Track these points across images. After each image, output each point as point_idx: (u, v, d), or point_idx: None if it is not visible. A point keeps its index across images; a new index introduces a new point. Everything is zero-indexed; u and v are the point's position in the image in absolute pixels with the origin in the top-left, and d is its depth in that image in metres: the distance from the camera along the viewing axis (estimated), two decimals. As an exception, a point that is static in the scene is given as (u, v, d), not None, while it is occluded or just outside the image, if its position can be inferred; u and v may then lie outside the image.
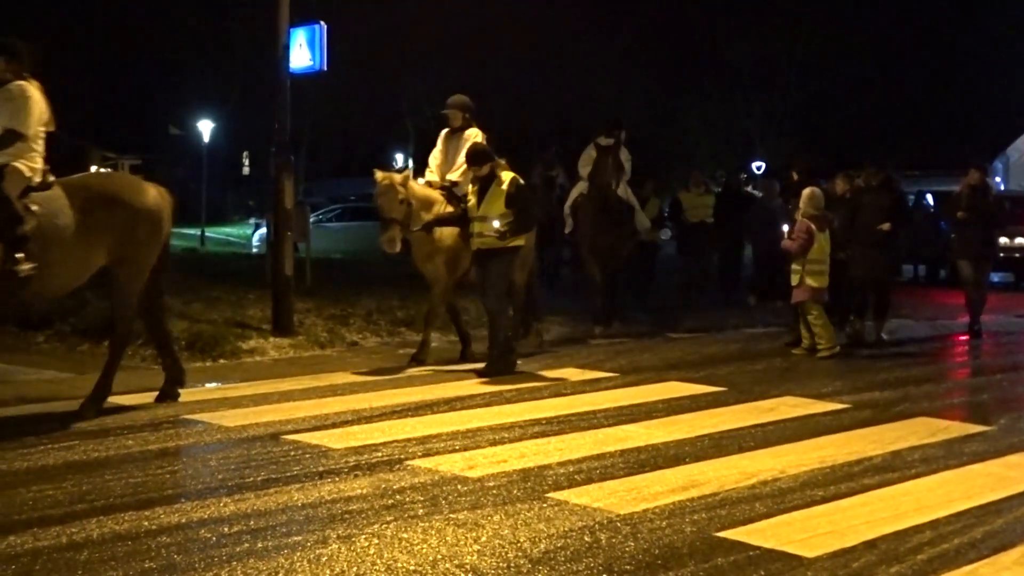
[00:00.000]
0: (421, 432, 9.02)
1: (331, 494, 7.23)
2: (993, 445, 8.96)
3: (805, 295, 13.50)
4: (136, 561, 5.92)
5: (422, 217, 12.44)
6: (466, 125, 13.12)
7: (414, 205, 12.42)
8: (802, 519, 6.79)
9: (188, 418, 9.51)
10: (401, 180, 12.42)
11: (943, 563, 6.04)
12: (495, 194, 11.97)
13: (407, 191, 12.39)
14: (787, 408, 10.31)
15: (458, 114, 13.19)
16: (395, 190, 12.30)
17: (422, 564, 5.92)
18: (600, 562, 5.98)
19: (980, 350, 14.75)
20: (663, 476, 7.76)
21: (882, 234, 14.50)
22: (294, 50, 14.71)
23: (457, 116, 13.18)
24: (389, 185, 12.35)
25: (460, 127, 13.14)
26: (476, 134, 12.97)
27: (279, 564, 5.89)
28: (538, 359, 13.04)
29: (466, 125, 13.12)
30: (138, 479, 7.56)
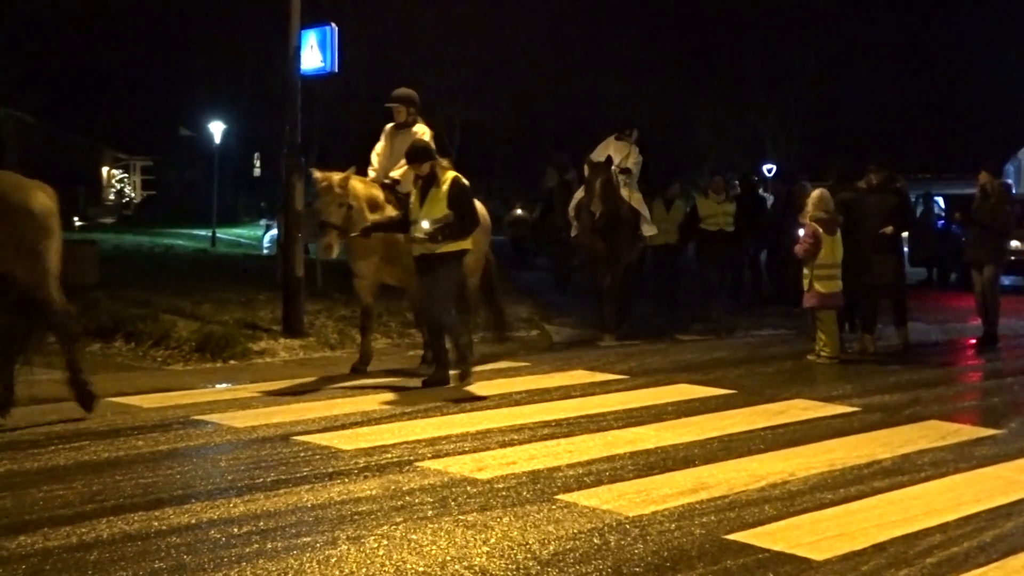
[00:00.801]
0: (431, 433, 9.03)
1: (341, 495, 7.24)
2: (1004, 448, 8.94)
3: (814, 300, 13.28)
4: (146, 561, 5.93)
5: (366, 219, 11.80)
6: (412, 121, 12.54)
7: (355, 207, 11.74)
8: (811, 522, 6.78)
9: (198, 419, 9.53)
10: (340, 181, 11.67)
11: (952, 566, 6.03)
12: (436, 195, 11.29)
13: (348, 192, 11.69)
14: (797, 411, 10.30)
15: (402, 108, 12.55)
16: (333, 192, 11.63)
17: (431, 565, 5.92)
18: (609, 564, 5.98)
19: (991, 353, 14.70)
20: (672, 478, 7.76)
21: (886, 238, 14.13)
22: (305, 52, 14.73)
23: (401, 111, 12.55)
24: (327, 187, 11.68)
25: (405, 122, 12.52)
26: (422, 131, 12.39)
27: (288, 565, 5.90)
28: (548, 361, 13.05)
29: (412, 121, 12.54)
30: (148, 479, 7.58)
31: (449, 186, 11.28)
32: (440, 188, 11.26)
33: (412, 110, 12.58)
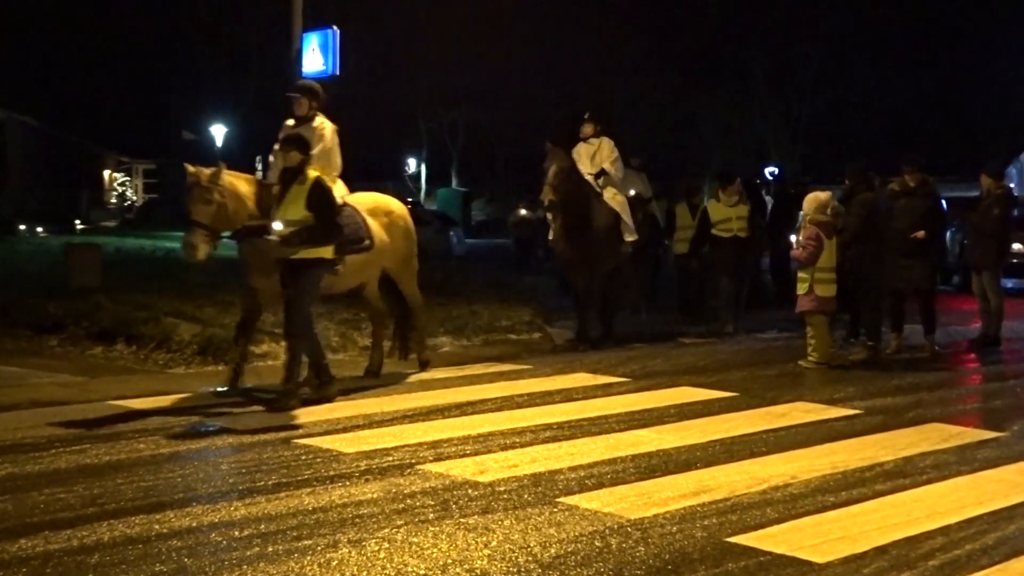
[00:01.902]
0: (432, 436, 9.03)
1: (342, 498, 7.24)
2: (1006, 451, 8.93)
3: (812, 304, 13.08)
4: (147, 564, 5.93)
5: (243, 219, 10.80)
6: (312, 115, 11.55)
7: (228, 205, 10.64)
8: (813, 524, 6.78)
9: (200, 422, 9.52)
10: (209, 175, 10.59)
11: (954, 569, 6.02)
12: (297, 193, 10.40)
13: (218, 188, 10.61)
14: (799, 413, 10.29)
15: (304, 101, 11.56)
16: (200, 187, 10.54)
17: (432, 568, 5.92)
18: (610, 567, 5.98)
19: (993, 356, 14.68)
20: (674, 481, 7.76)
21: (917, 242, 13.90)
22: (307, 55, 14.80)
23: (303, 103, 11.54)
24: (194, 182, 10.59)
25: (306, 116, 11.52)
26: (323, 125, 11.52)
27: (289, 568, 5.90)
28: (549, 364, 13.04)
29: (312, 115, 11.55)
30: (149, 483, 7.58)
31: (311, 185, 10.41)
32: (302, 185, 10.40)
33: (315, 103, 11.61)
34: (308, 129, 11.32)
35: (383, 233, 11.82)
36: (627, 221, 14.98)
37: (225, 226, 10.78)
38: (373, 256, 11.66)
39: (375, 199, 12.26)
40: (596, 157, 14.95)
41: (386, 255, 11.93)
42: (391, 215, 12.13)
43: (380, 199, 12.32)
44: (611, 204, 14.79)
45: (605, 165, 14.92)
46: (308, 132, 11.23)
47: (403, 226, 12.25)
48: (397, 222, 12.16)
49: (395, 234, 12.03)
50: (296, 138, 10.74)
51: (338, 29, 15.14)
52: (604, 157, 14.97)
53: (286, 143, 10.73)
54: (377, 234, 11.71)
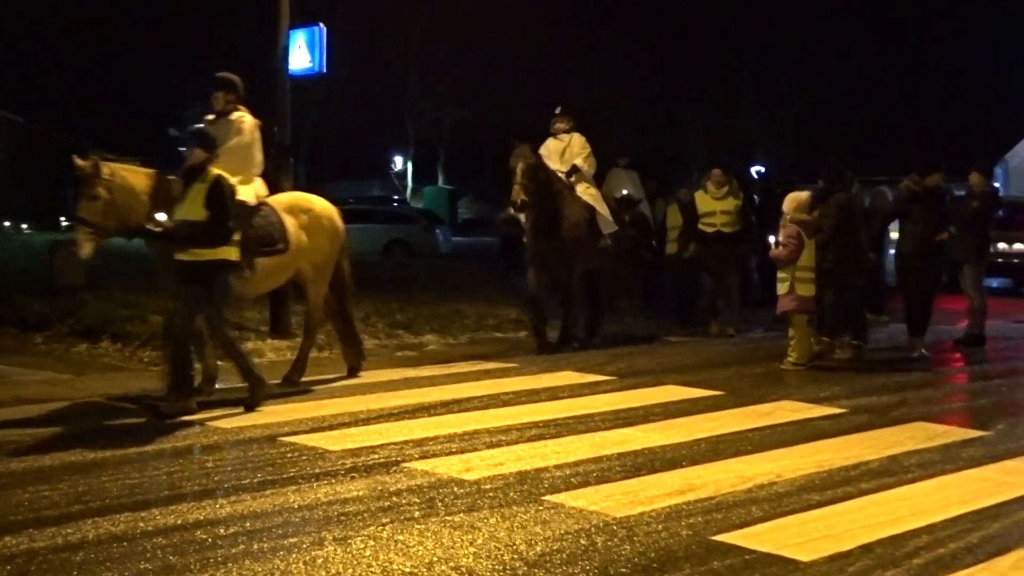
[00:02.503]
0: (418, 434, 9.02)
1: (327, 496, 7.23)
2: (991, 450, 8.95)
3: (794, 304, 13.00)
4: (132, 562, 5.92)
5: (136, 218, 10.09)
6: (231, 108, 10.92)
7: (119, 202, 10.02)
8: (798, 523, 6.79)
9: (185, 420, 9.50)
10: (91, 167, 9.92)
11: (939, 568, 6.04)
12: (197, 191, 9.83)
13: (105, 183, 9.93)
14: (785, 412, 10.30)
15: (220, 95, 10.95)
16: (85, 182, 9.94)
17: (418, 566, 5.92)
18: (596, 565, 5.98)
19: (978, 355, 14.72)
20: (660, 479, 7.76)
21: (936, 245, 13.90)
22: (294, 52, 14.74)
23: (219, 97, 10.94)
24: (80, 175, 9.97)
25: (223, 111, 10.90)
26: (243, 119, 10.88)
27: (275, 566, 5.89)
28: (536, 362, 13.04)
29: (231, 108, 10.92)
30: (134, 480, 7.57)
31: (212, 184, 9.83)
32: (203, 184, 9.84)
33: (232, 97, 10.95)
34: (226, 123, 10.78)
35: (301, 234, 11.15)
36: (604, 214, 14.55)
37: (117, 223, 10.09)
38: (289, 259, 11.05)
39: (295, 197, 11.67)
40: (567, 153, 14.59)
41: (305, 257, 11.28)
42: (311, 213, 11.39)
43: (301, 197, 11.66)
44: (584, 198, 14.41)
45: (577, 161, 14.54)
46: (225, 126, 10.72)
47: (327, 226, 11.55)
48: (319, 221, 11.44)
49: (316, 234, 11.34)
50: (199, 134, 10.23)
51: (325, 27, 15.10)
52: (575, 153, 14.59)
53: (192, 137, 10.19)
54: (294, 235, 11.05)
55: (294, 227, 11.10)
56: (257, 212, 10.75)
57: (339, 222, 11.78)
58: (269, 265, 10.85)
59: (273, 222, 10.88)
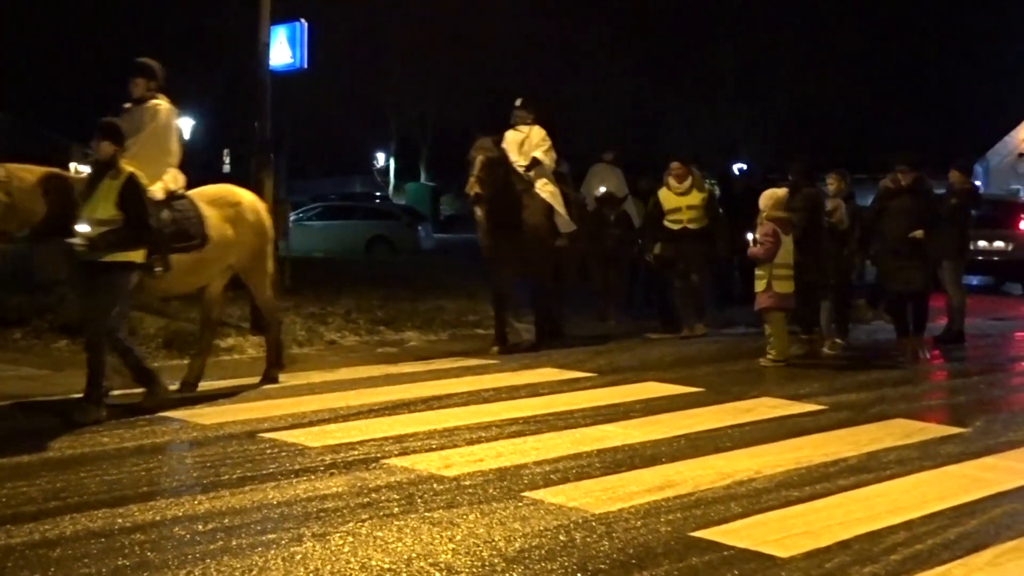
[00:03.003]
0: (398, 431, 9.01)
1: (307, 492, 7.22)
2: (968, 447, 8.98)
3: (771, 301, 12.99)
4: (109, 559, 5.91)
5: (39, 216, 9.61)
6: (150, 95, 10.31)
7: (21, 204, 9.50)
8: (777, 519, 6.80)
9: (164, 415, 9.47)
10: None
11: (916, 564, 6.06)
12: (107, 188, 9.34)
13: (4, 185, 9.41)
14: (764, 409, 10.32)
15: (140, 81, 10.30)
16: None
17: (396, 562, 5.91)
18: (574, 561, 5.99)
19: (957, 352, 14.76)
20: (639, 476, 7.77)
21: (914, 242, 13.44)
22: (275, 48, 14.70)
23: (139, 84, 10.30)
24: None
25: (141, 98, 10.31)
26: (159, 106, 10.32)
27: (253, 562, 5.88)
28: (516, 359, 13.03)
29: (150, 95, 10.31)
30: (113, 476, 7.54)
31: (124, 182, 9.35)
32: (114, 181, 9.35)
33: (152, 84, 10.34)
34: (141, 110, 10.24)
35: (226, 228, 10.56)
36: (561, 212, 14.14)
37: (19, 225, 9.63)
38: (210, 254, 10.42)
39: (219, 190, 11.00)
40: (525, 145, 14.17)
41: (231, 252, 10.71)
42: (238, 207, 10.79)
43: (225, 190, 11.08)
44: (542, 195, 14.02)
45: (537, 154, 14.10)
46: (140, 114, 10.21)
47: (253, 220, 10.94)
48: (245, 215, 10.84)
49: (242, 228, 10.74)
50: (107, 127, 9.56)
51: (306, 22, 15.07)
52: (535, 145, 14.15)
53: (100, 130, 9.50)
54: (216, 229, 10.45)
55: (217, 221, 10.49)
56: (170, 206, 10.10)
57: (266, 218, 11.21)
58: (188, 262, 10.20)
59: (190, 216, 10.25)
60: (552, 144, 14.33)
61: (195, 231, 10.24)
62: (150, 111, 10.26)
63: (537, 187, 14.03)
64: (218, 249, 10.47)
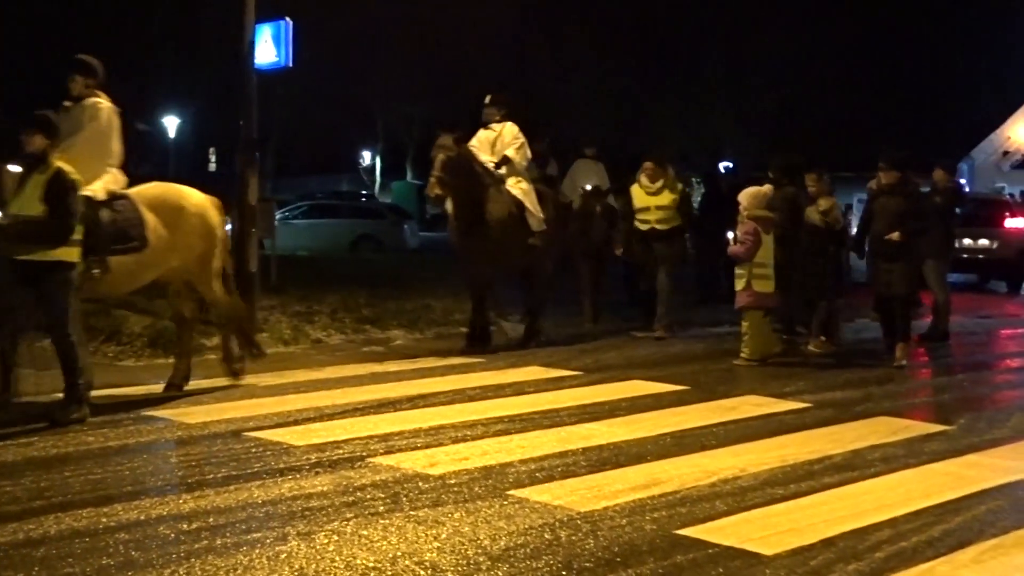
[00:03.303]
0: (383, 429, 9.01)
1: (292, 491, 7.21)
2: (953, 444, 9.01)
3: (750, 300, 12.97)
4: (94, 558, 5.89)
5: None
6: (89, 93, 10.11)
7: None
8: (762, 517, 6.82)
9: (149, 415, 9.46)
10: None
11: (901, 561, 6.07)
12: (35, 183, 9.06)
13: None
14: (749, 407, 10.34)
15: (78, 78, 10.12)
16: None
17: (381, 561, 5.91)
18: (560, 559, 5.99)
19: (941, 350, 14.80)
20: (625, 474, 7.78)
21: (894, 244, 12.93)
22: (260, 46, 14.66)
23: (77, 81, 10.11)
24: None
25: (80, 95, 10.09)
26: (99, 105, 10.09)
27: (238, 561, 5.87)
28: (502, 357, 13.02)
29: (89, 93, 10.11)
30: (97, 476, 7.53)
31: (52, 177, 9.07)
32: (42, 175, 9.08)
33: (91, 81, 10.14)
34: (80, 108, 10.01)
35: (166, 230, 10.18)
36: (532, 210, 13.78)
37: None
38: (150, 257, 10.09)
39: (162, 190, 10.65)
40: (497, 144, 13.90)
41: (173, 254, 10.32)
42: (182, 209, 10.42)
43: (168, 190, 10.71)
44: (513, 192, 13.70)
45: (508, 152, 13.83)
46: (79, 112, 9.99)
47: (197, 222, 10.53)
48: (188, 217, 10.44)
49: (185, 230, 10.36)
50: (40, 120, 9.25)
51: (291, 21, 15.04)
52: (506, 143, 13.87)
53: (32, 123, 9.20)
54: (157, 231, 10.10)
55: (157, 223, 10.13)
56: (109, 207, 9.82)
57: (214, 217, 10.73)
58: (127, 264, 9.91)
59: (130, 218, 9.92)
60: (525, 141, 14.08)
61: (135, 233, 9.94)
62: (90, 110, 10.05)
63: (508, 184, 13.74)
64: (158, 252, 10.14)
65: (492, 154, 13.86)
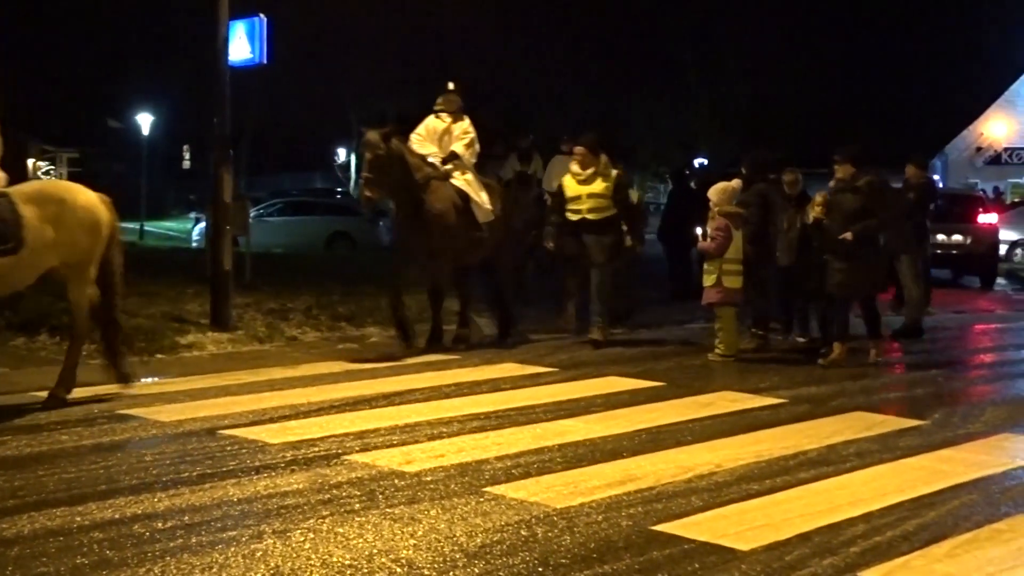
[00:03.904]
0: (359, 427, 8.99)
1: (267, 489, 7.19)
2: (927, 439, 9.05)
3: (719, 296, 12.94)
4: (68, 557, 5.86)
5: None
6: None
7: None
8: (737, 512, 6.83)
9: (124, 413, 9.41)
10: None
11: (876, 555, 6.10)
12: None
13: None
14: (725, 403, 10.36)
15: None
16: None
17: (357, 558, 5.90)
18: (536, 556, 5.99)
19: (916, 346, 14.86)
20: (600, 470, 7.78)
21: (847, 244, 12.44)
22: (233, 43, 14.62)
23: None
24: None
25: None
26: None
27: (213, 559, 5.85)
28: (477, 354, 13.01)
29: None
30: (71, 474, 7.49)
31: None
32: None
33: None
34: None
35: (47, 228, 9.57)
36: (478, 201, 13.30)
37: None
38: (30, 257, 9.52)
39: (42, 186, 10.19)
40: (446, 138, 13.47)
41: (53, 253, 9.73)
42: (63, 205, 9.78)
43: (50, 186, 9.98)
44: (457, 183, 13.24)
45: (457, 148, 13.37)
46: None
47: (83, 218, 9.91)
48: (73, 213, 9.83)
49: (68, 227, 9.74)
50: None
51: (266, 17, 15.00)
52: (455, 138, 13.44)
53: None
54: (35, 231, 9.49)
55: (37, 220, 9.51)
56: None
57: (102, 214, 10.13)
58: (5, 265, 9.37)
59: (6, 218, 9.32)
60: (476, 137, 13.64)
61: (10, 233, 9.34)
62: None
63: (455, 177, 13.29)
64: (38, 251, 9.55)
65: (439, 147, 13.46)
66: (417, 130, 13.62)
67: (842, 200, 12.74)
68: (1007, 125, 51.32)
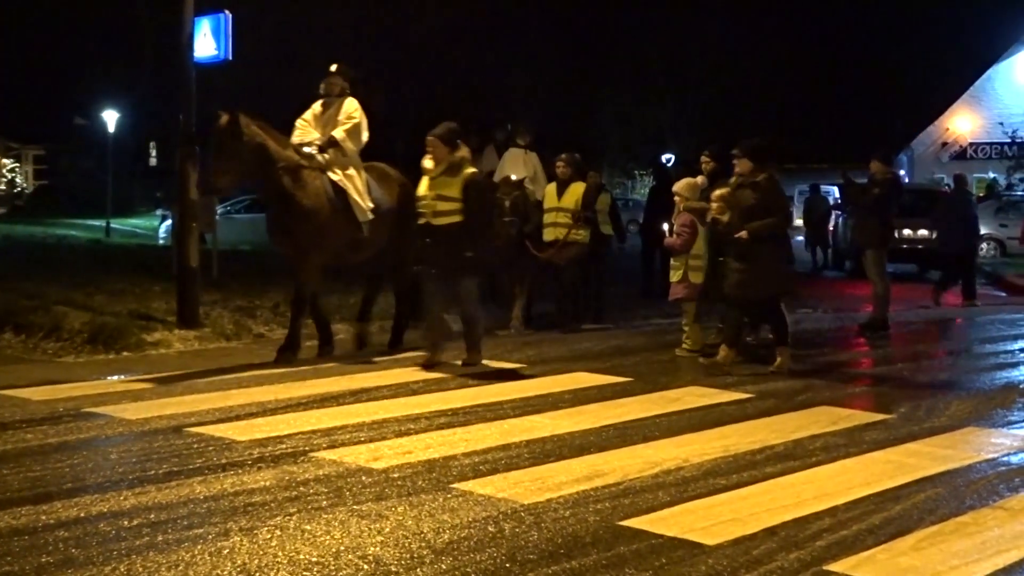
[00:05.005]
0: (326, 424, 8.97)
1: (234, 486, 7.16)
2: (893, 433, 9.10)
3: (685, 292, 12.92)
4: (33, 556, 5.83)
5: None
6: None
7: None
8: (704, 507, 6.85)
9: (89, 411, 9.36)
10: None
11: (842, 549, 6.12)
12: None
13: None
14: (692, 398, 10.39)
15: None
16: None
17: (325, 556, 5.89)
18: (503, 552, 5.99)
19: (881, 340, 14.94)
20: (568, 466, 7.79)
21: (743, 243, 11.75)
22: (199, 39, 14.58)
23: None
24: None
25: None
26: None
27: (180, 557, 5.83)
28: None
29: None
30: (37, 473, 7.44)
31: None
32: None
33: None
34: None
35: None
36: (357, 198, 12.30)
37: None
38: None
39: None
40: (330, 124, 12.48)
41: None
42: None
43: None
44: (332, 178, 12.26)
45: (336, 133, 12.31)
46: None
47: None
48: None
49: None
50: None
51: (231, 14, 14.95)
52: (338, 122, 12.39)
53: None
54: None
55: None
56: None
57: None
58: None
59: None
60: (362, 122, 12.58)
61: None
62: None
63: (332, 170, 12.29)
64: None
65: (323, 133, 12.51)
66: (303, 115, 12.79)
67: (740, 196, 11.98)
68: (972, 120, 51.64)
